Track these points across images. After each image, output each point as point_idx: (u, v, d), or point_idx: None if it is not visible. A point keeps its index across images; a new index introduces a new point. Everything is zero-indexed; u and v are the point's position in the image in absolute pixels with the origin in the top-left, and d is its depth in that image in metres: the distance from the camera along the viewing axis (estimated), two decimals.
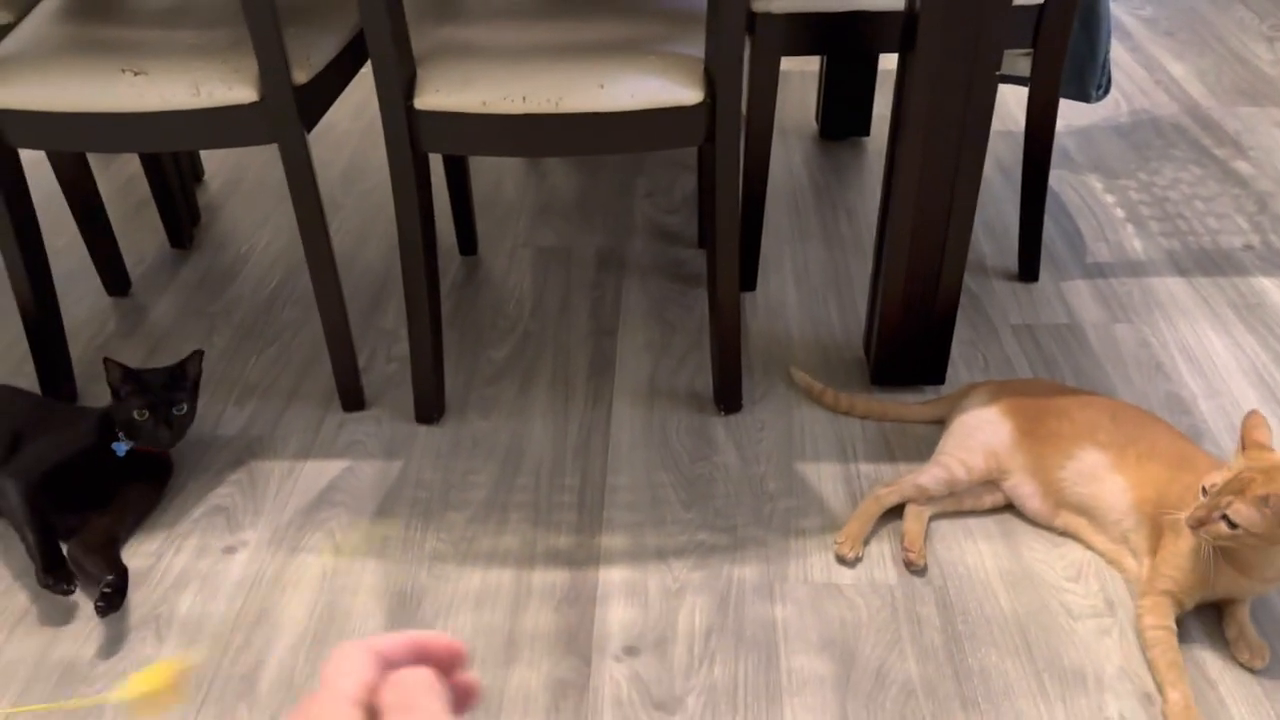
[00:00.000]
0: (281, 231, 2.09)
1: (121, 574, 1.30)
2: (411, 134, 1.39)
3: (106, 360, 1.42)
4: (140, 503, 1.44)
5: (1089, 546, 1.36)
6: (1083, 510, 1.36)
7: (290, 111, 1.39)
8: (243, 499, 1.48)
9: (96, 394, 1.66)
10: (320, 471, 1.52)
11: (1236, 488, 1.15)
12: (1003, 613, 1.29)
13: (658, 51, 1.39)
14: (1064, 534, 1.38)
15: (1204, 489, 1.18)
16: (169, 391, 1.44)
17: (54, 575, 1.28)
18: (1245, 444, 1.20)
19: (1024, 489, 1.39)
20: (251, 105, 1.38)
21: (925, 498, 1.40)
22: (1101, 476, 1.33)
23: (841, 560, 1.36)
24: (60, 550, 1.32)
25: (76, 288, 1.92)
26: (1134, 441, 1.34)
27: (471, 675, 0.43)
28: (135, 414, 1.41)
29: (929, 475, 1.40)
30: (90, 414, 1.47)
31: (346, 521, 1.44)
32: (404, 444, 1.57)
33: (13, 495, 1.33)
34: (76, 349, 1.75)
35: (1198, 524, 1.17)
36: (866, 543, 1.38)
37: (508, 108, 1.35)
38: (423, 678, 0.39)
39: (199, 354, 1.49)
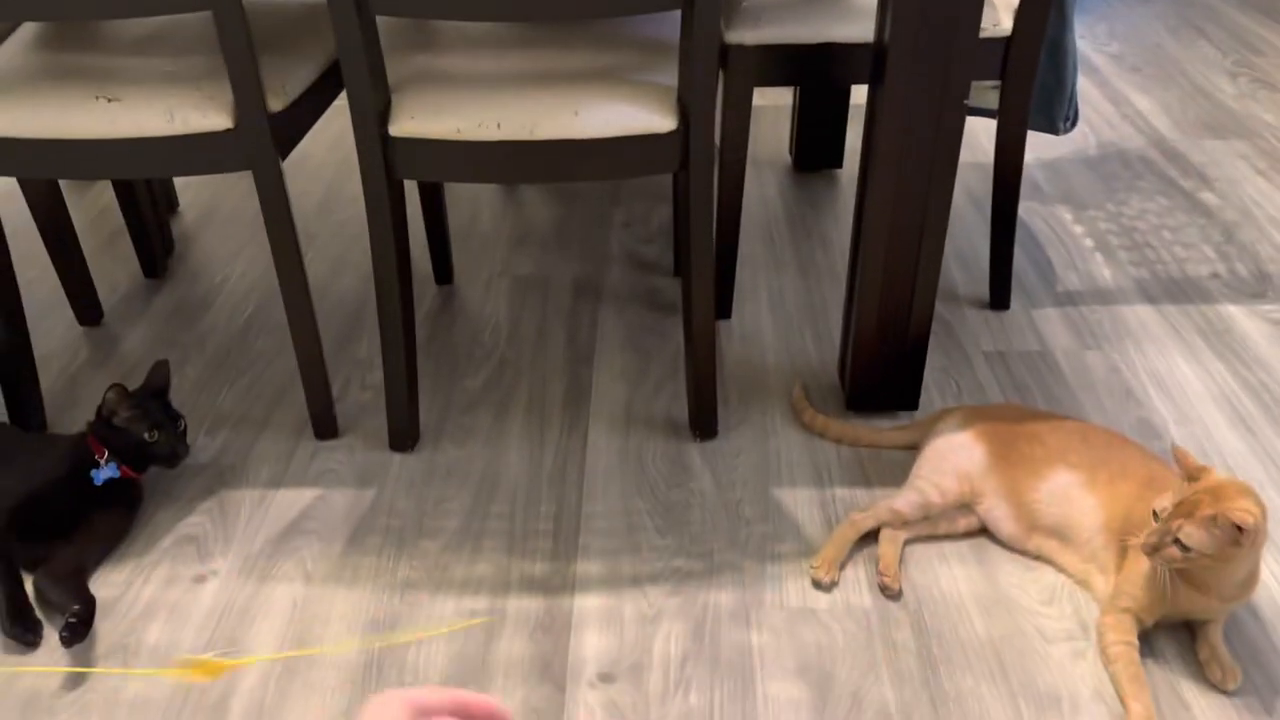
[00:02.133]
0: (256, 261, 2.08)
1: (88, 604, 1.28)
2: (386, 161, 1.39)
3: (111, 387, 1.42)
4: (109, 532, 1.42)
5: (1060, 569, 1.37)
6: (1055, 532, 1.36)
7: (265, 139, 1.39)
8: (213, 528, 1.46)
9: (66, 424, 1.65)
10: (292, 500, 1.51)
11: (1186, 510, 1.15)
12: (977, 637, 1.29)
13: (631, 80, 1.41)
14: (1037, 557, 1.39)
15: (1155, 513, 1.19)
16: (165, 409, 1.46)
17: (20, 625, 1.27)
18: (1186, 474, 1.20)
19: (997, 512, 1.40)
20: (226, 132, 1.38)
21: (900, 522, 1.40)
22: (1073, 497, 1.34)
23: (817, 585, 1.36)
24: (27, 598, 1.30)
25: (48, 318, 1.91)
26: (1105, 462, 1.35)
27: None
28: (146, 436, 1.42)
29: (904, 500, 1.41)
30: (62, 441, 1.45)
31: (318, 550, 1.42)
32: (377, 473, 1.56)
33: None
34: (47, 379, 1.73)
35: (1152, 550, 1.18)
36: (842, 567, 1.38)
37: (482, 135, 1.36)
38: None
39: (164, 363, 1.50)
